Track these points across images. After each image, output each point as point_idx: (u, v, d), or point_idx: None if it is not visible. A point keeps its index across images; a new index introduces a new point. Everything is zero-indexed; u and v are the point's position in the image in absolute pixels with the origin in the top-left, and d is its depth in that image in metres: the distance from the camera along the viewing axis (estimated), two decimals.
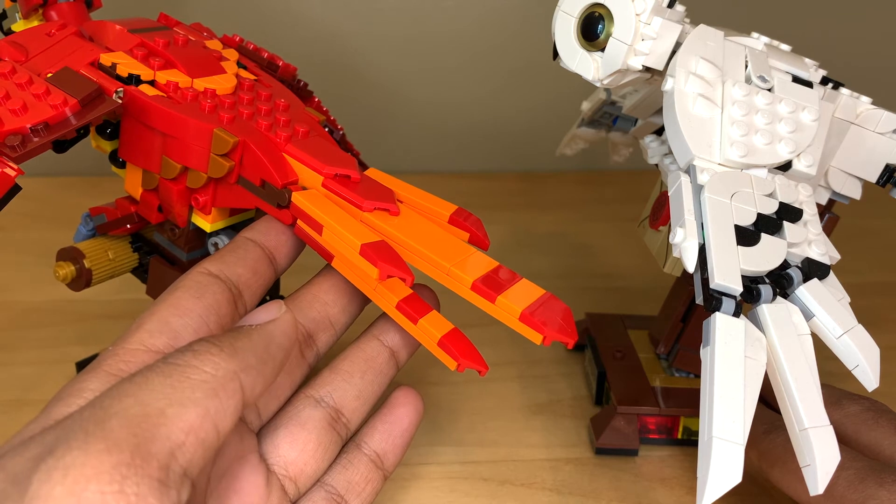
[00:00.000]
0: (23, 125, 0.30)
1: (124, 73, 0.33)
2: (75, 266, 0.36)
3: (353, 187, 0.32)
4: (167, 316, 0.28)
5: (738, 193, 0.31)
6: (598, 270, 0.61)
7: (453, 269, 0.30)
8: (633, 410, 0.42)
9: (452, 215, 0.33)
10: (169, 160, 0.33)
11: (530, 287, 0.30)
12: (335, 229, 0.30)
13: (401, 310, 0.30)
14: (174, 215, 0.35)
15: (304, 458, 0.31)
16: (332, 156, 0.33)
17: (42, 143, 0.30)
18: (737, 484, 0.26)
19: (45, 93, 0.31)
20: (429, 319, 0.30)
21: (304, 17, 0.70)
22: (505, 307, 0.29)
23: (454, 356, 0.29)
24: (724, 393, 0.26)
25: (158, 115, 0.32)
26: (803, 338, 0.29)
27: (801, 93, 0.35)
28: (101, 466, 0.20)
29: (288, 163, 0.33)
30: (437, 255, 0.30)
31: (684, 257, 0.30)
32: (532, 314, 0.29)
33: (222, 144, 0.32)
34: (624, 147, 0.55)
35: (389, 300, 0.30)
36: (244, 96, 0.34)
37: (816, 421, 0.27)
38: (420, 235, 0.31)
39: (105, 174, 0.41)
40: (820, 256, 0.31)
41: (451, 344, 0.29)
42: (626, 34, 0.34)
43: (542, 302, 0.29)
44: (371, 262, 0.29)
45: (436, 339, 0.29)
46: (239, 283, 0.30)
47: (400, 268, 0.29)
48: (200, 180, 0.33)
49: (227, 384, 0.23)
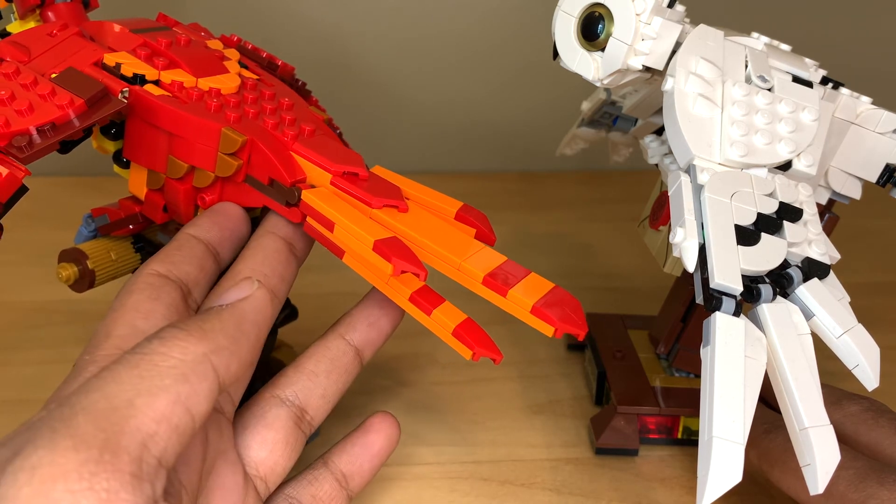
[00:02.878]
0: (29, 126, 0.30)
1: (129, 72, 0.33)
2: (78, 267, 0.36)
3: (361, 185, 0.32)
4: (132, 320, 0.27)
5: (738, 193, 0.31)
6: (599, 270, 0.61)
7: (464, 264, 0.30)
8: (633, 410, 0.42)
9: (458, 211, 0.34)
10: (175, 160, 0.33)
11: (539, 280, 0.30)
12: (347, 226, 0.31)
13: (414, 302, 0.30)
14: (180, 215, 0.35)
15: (273, 458, 0.31)
16: (340, 154, 0.33)
17: (49, 144, 0.30)
18: (737, 483, 0.26)
19: (50, 93, 0.30)
20: (442, 310, 0.30)
21: (302, 16, 0.71)
22: (516, 300, 0.30)
23: (469, 345, 0.29)
24: (725, 393, 0.26)
25: (165, 115, 0.32)
26: (803, 337, 0.29)
27: (801, 93, 0.35)
28: (69, 465, 0.20)
29: (296, 161, 0.33)
30: (448, 251, 0.31)
31: (684, 257, 0.30)
32: (543, 307, 0.29)
33: (231, 143, 0.32)
34: (624, 147, 0.55)
35: (402, 293, 0.30)
36: (249, 95, 0.34)
37: (816, 420, 0.27)
38: (429, 231, 0.32)
39: (104, 174, 0.41)
40: (820, 256, 0.31)
41: (466, 333, 0.29)
42: (626, 34, 0.34)
43: (551, 295, 0.30)
44: (385, 258, 0.30)
45: (450, 328, 0.30)
46: (188, 280, 0.30)
47: (413, 263, 0.30)
48: (207, 179, 0.33)
49: (197, 367, 0.23)
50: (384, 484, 0.39)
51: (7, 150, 0.29)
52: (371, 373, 0.47)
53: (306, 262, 0.35)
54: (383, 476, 0.40)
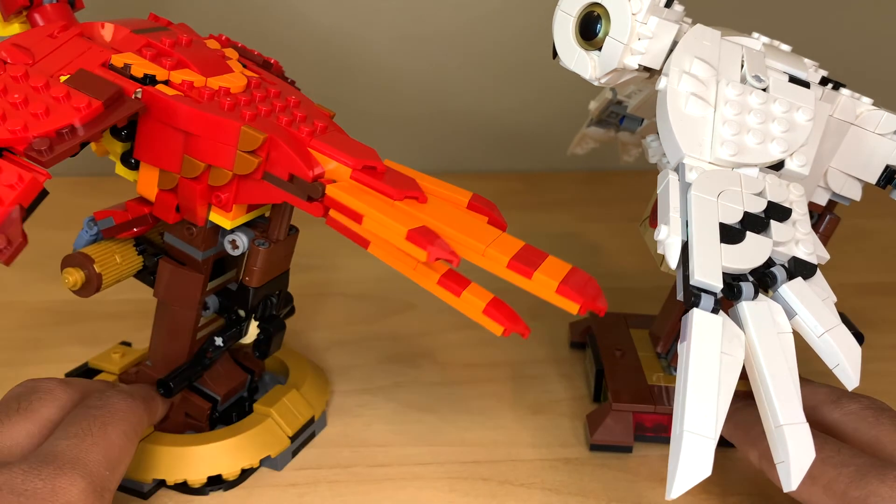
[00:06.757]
0: (49, 129, 0.29)
1: (139, 73, 0.33)
2: (84, 272, 0.36)
3: (380, 177, 0.33)
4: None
5: (725, 192, 0.31)
6: (601, 270, 0.60)
7: (489, 249, 0.31)
8: (627, 408, 0.42)
9: (470, 201, 0.35)
10: (191, 159, 0.33)
11: (558, 262, 0.32)
12: (378, 217, 0.32)
13: (443, 285, 0.32)
14: (194, 214, 0.35)
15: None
16: (356, 148, 0.34)
17: (70, 147, 0.30)
18: (706, 478, 0.26)
19: (65, 96, 0.30)
20: (471, 290, 0.32)
21: (302, 15, 0.71)
22: (541, 282, 0.31)
23: (500, 321, 0.31)
24: (698, 388, 0.27)
25: (182, 114, 0.33)
26: (784, 336, 0.29)
27: (797, 93, 0.35)
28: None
29: (314, 157, 0.33)
30: (471, 237, 0.32)
31: (667, 254, 0.30)
32: (567, 286, 0.31)
33: (251, 140, 0.32)
34: (634, 147, 0.55)
35: (431, 277, 0.32)
36: (257, 94, 0.35)
37: (792, 418, 0.27)
38: (451, 220, 0.33)
39: (104, 174, 0.41)
40: (807, 256, 0.31)
41: (496, 310, 0.31)
42: (622, 33, 0.34)
43: (572, 275, 0.31)
44: (420, 246, 0.31)
45: (480, 307, 0.31)
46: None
47: (447, 250, 0.31)
48: (225, 178, 0.33)
49: None
50: (384, 484, 0.39)
51: (27, 154, 0.29)
52: (371, 373, 0.48)
53: (305, 261, 0.35)
54: (383, 476, 0.40)
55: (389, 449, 0.42)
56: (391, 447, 0.42)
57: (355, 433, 0.43)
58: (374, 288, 0.57)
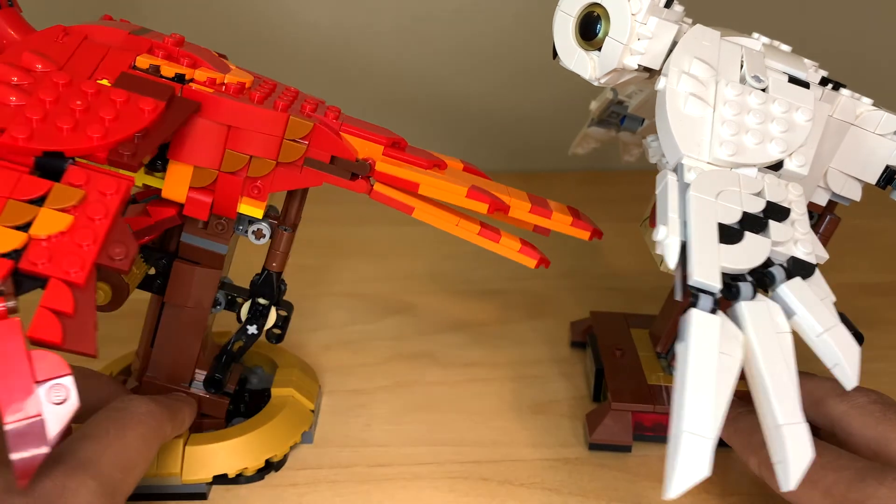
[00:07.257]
0: (129, 134, 0.29)
1: (170, 73, 0.33)
2: (110, 284, 0.35)
3: (405, 152, 0.37)
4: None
5: (724, 192, 0.31)
6: (602, 270, 0.61)
7: (512, 199, 0.38)
8: (627, 407, 0.42)
9: (464, 165, 0.40)
10: (234, 152, 0.34)
11: (558, 204, 0.40)
12: (434, 182, 0.36)
13: (483, 235, 0.38)
14: (230, 208, 0.35)
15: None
16: (376, 128, 0.37)
17: (152, 150, 0.30)
18: (705, 478, 0.26)
19: (126, 100, 0.30)
20: (506, 236, 0.39)
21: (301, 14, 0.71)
22: (559, 219, 0.39)
23: (532, 256, 0.39)
24: (696, 388, 0.27)
25: (227, 109, 0.33)
26: (782, 336, 0.29)
27: (796, 93, 0.35)
28: None
29: (347, 139, 0.36)
30: (495, 192, 0.38)
31: (666, 254, 0.30)
32: (578, 219, 0.40)
33: (301, 128, 0.34)
34: (635, 147, 0.55)
35: (472, 230, 0.38)
36: (266, 87, 0.36)
37: (791, 418, 0.27)
38: (472, 180, 0.38)
39: None
40: (806, 255, 0.31)
41: (529, 248, 0.39)
42: (621, 33, 0.35)
43: (573, 211, 0.40)
44: (480, 200, 0.37)
45: (517, 247, 0.39)
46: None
47: (498, 199, 0.37)
48: (267, 168, 0.34)
49: None
50: (384, 484, 0.39)
51: (112, 160, 0.29)
52: (371, 373, 0.48)
53: (304, 261, 0.35)
54: (383, 476, 0.40)
55: (389, 449, 0.42)
56: (391, 447, 0.42)
57: (355, 433, 0.43)
58: (374, 288, 0.57)
